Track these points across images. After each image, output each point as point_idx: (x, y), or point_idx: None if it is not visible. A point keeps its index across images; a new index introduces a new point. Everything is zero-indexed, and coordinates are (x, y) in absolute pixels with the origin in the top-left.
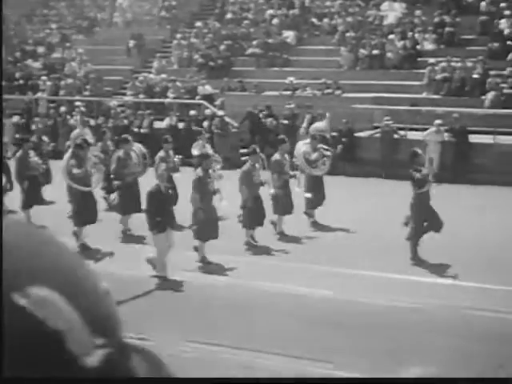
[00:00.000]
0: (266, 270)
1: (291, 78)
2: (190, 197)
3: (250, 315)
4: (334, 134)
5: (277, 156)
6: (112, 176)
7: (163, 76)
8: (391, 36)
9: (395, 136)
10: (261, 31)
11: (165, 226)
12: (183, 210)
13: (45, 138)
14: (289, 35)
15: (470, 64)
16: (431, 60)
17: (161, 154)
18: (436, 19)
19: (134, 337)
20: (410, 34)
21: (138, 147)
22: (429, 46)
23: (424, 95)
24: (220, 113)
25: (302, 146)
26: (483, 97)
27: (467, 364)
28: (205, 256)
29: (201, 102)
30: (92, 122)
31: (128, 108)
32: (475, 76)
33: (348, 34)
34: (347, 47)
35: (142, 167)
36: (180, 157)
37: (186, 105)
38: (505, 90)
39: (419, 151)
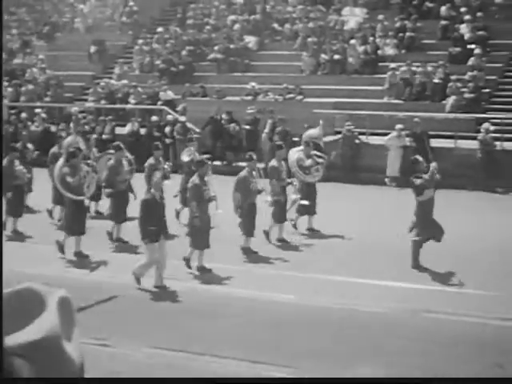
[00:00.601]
0: (238, 276)
1: (253, 84)
2: (189, 204)
3: (211, 320)
4: (296, 139)
5: (274, 163)
6: (104, 184)
7: (125, 82)
8: (352, 41)
9: (356, 141)
10: (222, 36)
11: (158, 236)
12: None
13: (29, 146)
14: (250, 40)
15: (430, 69)
16: (392, 65)
17: (151, 161)
18: (397, 24)
19: (95, 342)
20: (371, 39)
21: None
22: (390, 50)
23: (385, 100)
24: (182, 118)
25: (295, 153)
26: (444, 101)
27: (425, 365)
28: (203, 265)
29: (162, 107)
30: (53, 129)
31: (89, 114)
32: (436, 81)
33: (309, 39)
34: (308, 52)
35: (131, 174)
36: (170, 164)
37: (148, 110)
38: (465, 95)
39: (419, 158)
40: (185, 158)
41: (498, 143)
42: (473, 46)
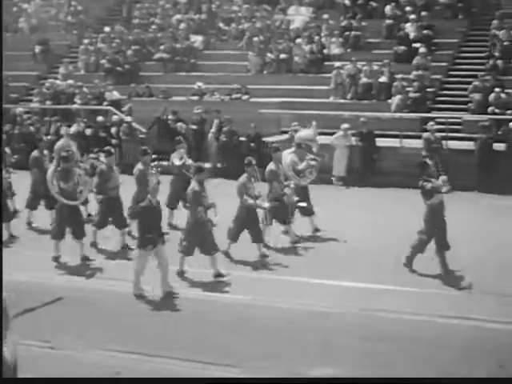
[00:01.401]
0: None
1: (199, 83)
2: (189, 211)
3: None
4: (243, 138)
5: (272, 166)
6: (95, 190)
7: (70, 82)
8: (298, 40)
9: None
10: (168, 36)
11: (155, 243)
12: None
13: (7, 150)
14: (196, 40)
15: (376, 68)
16: (338, 64)
17: (139, 166)
18: (342, 23)
19: (39, 344)
20: (316, 38)
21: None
22: (335, 50)
23: (331, 99)
24: (128, 119)
25: (288, 155)
26: (389, 100)
27: (377, 365)
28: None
29: (108, 108)
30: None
31: (34, 115)
32: (381, 80)
33: (255, 39)
34: (255, 52)
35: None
36: (159, 168)
37: (94, 111)
38: (411, 94)
39: (428, 161)
40: (176, 161)
41: (443, 142)
42: (418, 45)
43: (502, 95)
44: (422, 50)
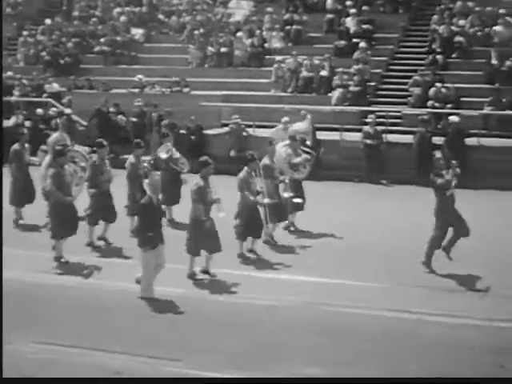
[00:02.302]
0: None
1: (140, 76)
2: (192, 208)
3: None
4: (183, 131)
5: (267, 161)
6: (87, 183)
7: (9, 74)
8: (239, 34)
9: (244, 134)
10: (109, 29)
11: (156, 242)
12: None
13: None
14: (137, 33)
15: (317, 62)
16: (279, 58)
17: (131, 159)
18: (284, 17)
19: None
20: (257, 31)
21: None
22: (276, 43)
23: (271, 93)
24: (67, 111)
25: (282, 148)
26: (330, 94)
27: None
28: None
29: (48, 100)
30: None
31: None
32: (322, 74)
33: (196, 32)
34: (195, 45)
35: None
36: (151, 161)
37: (33, 103)
38: (351, 88)
39: (439, 155)
40: (162, 154)
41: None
42: (358, 40)
43: (442, 90)
44: (363, 44)
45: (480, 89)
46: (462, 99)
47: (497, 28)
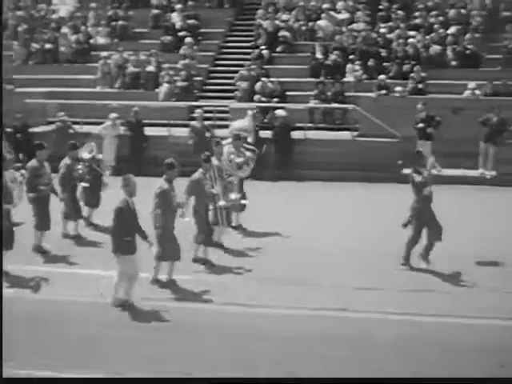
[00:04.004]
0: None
1: None
2: (154, 213)
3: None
4: (9, 129)
5: (215, 161)
6: (25, 188)
7: None
8: (64, 30)
9: (70, 131)
10: None
11: (134, 248)
12: None
13: None
14: None
15: (143, 57)
16: (104, 53)
17: (66, 161)
18: (109, 13)
19: None
20: (82, 27)
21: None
22: (102, 39)
23: (98, 89)
24: None
25: (224, 147)
26: (157, 90)
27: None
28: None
29: None
30: None
31: None
32: (149, 69)
33: (20, 28)
34: (19, 41)
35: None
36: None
37: None
38: (178, 83)
39: (422, 151)
40: (85, 155)
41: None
42: (184, 35)
43: (268, 84)
44: (189, 39)
45: (305, 82)
46: (288, 93)
47: (320, 22)
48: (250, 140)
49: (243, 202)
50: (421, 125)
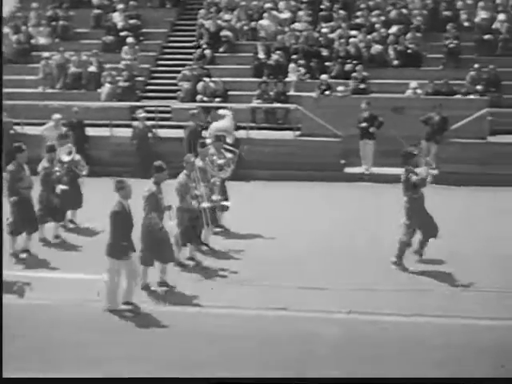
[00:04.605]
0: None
1: None
2: (148, 216)
3: None
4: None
5: (200, 163)
6: (6, 192)
7: None
8: (5, 30)
9: (11, 131)
10: None
11: (129, 251)
12: None
13: None
14: None
15: (85, 57)
16: (46, 54)
17: (44, 163)
18: (49, 13)
19: None
20: (23, 27)
21: None
22: (43, 39)
23: (40, 89)
24: None
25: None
26: (99, 90)
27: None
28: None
29: None
30: None
31: None
32: (90, 69)
33: None
34: None
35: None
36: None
37: None
38: (120, 83)
39: (415, 151)
40: (64, 157)
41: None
42: (126, 35)
43: (210, 84)
44: (130, 39)
45: (247, 82)
46: (231, 93)
47: (262, 22)
48: (229, 141)
49: (225, 203)
50: (364, 124)
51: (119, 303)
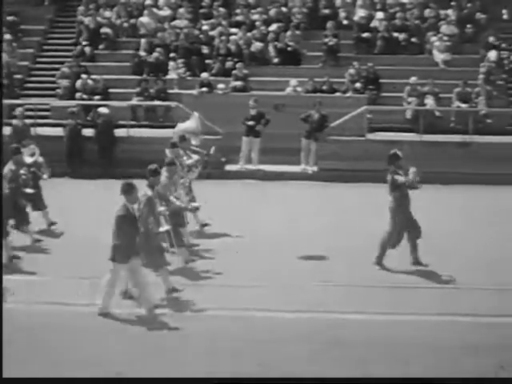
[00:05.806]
0: None
1: None
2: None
3: None
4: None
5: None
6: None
7: None
8: None
9: None
10: None
11: (131, 255)
12: None
13: None
14: None
15: None
16: None
17: (11, 166)
18: None
19: None
20: None
21: None
22: None
23: None
24: None
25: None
26: None
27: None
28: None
29: None
30: None
31: None
32: None
33: None
34: None
35: None
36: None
37: None
38: None
39: (400, 153)
40: (27, 159)
41: (32, 129)
42: (3, 32)
43: (89, 81)
44: (8, 36)
45: (128, 80)
46: (111, 90)
47: (142, 19)
48: (194, 142)
49: (194, 204)
50: (251, 122)
51: (111, 307)
